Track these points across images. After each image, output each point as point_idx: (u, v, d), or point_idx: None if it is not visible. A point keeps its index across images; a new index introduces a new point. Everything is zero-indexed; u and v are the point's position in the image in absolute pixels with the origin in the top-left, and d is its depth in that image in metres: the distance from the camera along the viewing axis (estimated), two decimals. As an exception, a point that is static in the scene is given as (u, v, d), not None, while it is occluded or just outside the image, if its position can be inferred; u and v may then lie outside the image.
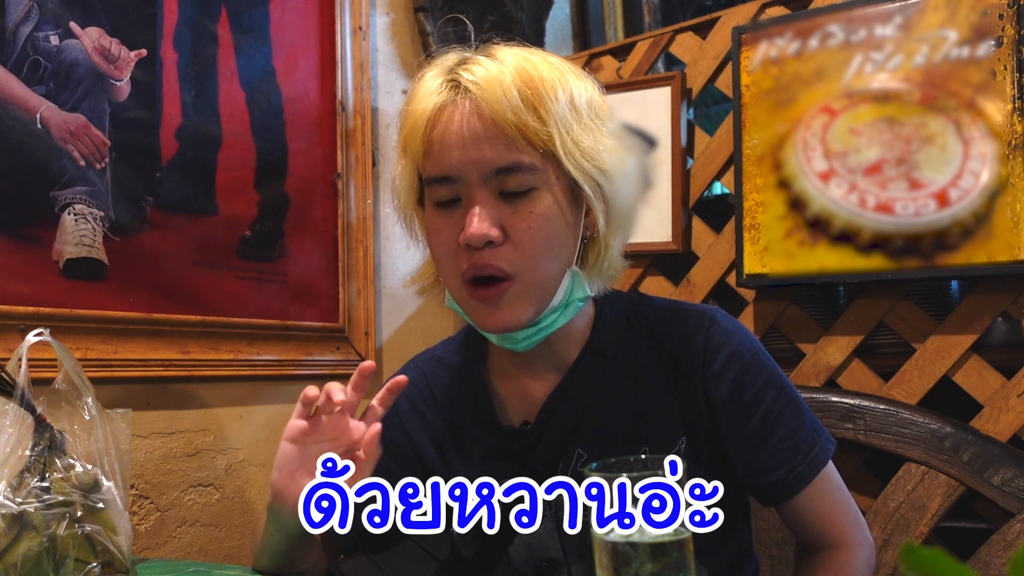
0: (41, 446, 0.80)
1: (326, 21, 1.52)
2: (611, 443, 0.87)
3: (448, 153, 0.78)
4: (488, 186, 0.78)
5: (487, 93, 0.77)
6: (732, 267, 1.56)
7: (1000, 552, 1.17)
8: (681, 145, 1.66)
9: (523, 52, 0.83)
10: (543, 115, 0.77)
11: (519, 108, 0.76)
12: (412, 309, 1.70)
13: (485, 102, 0.77)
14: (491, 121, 0.77)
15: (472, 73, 0.78)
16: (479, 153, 0.77)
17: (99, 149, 1.15)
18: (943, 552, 0.26)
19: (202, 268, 1.28)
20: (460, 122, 0.78)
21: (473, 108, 0.78)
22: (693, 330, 0.88)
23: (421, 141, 0.81)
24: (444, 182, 0.80)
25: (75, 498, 0.79)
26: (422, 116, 0.80)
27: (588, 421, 0.89)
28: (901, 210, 1.35)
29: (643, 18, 2.25)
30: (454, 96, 0.79)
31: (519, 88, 0.77)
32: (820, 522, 0.89)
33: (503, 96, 0.76)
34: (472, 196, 0.79)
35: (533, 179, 0.78)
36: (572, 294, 0.84)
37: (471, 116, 0.78)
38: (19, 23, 1.07)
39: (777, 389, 0.87)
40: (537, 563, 0.89)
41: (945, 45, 1.34)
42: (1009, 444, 1.24)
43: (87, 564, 0.79)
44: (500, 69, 0.78)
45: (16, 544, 0.75)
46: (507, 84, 0.77)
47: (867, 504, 1.37)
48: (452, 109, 0.79)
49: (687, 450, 0.87)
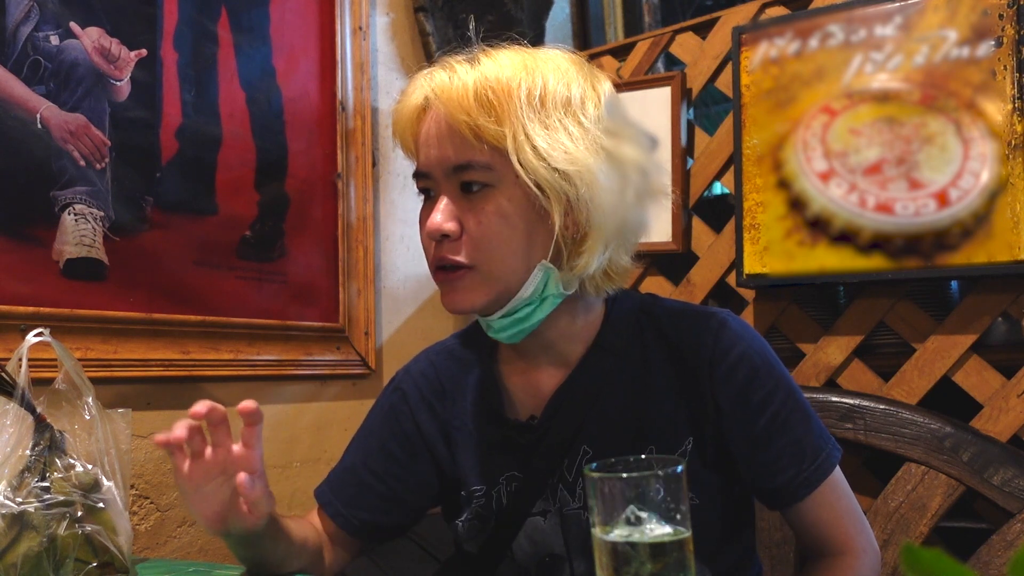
0: (41, 446, 0.80)
1: (326, 21, 1.52)
2: (617, 441, 0.87)
3: (423, 151, 0.86)
4: (450, 182, 0.84)
5: (444, 96, 0.82)
6: (732, 267, 1.56)
7: (1000, 552, 1.17)
8: (681, 145, 1.66)
9: (515, 52, 0.85)
10: (499, 114, 0.80)
11: (472, 108, 0.80)
12: (412, 309, 1.70)
13: (443, 105, 0.82)
14: (446, 123, 0.83)
15: (433, 80, 0.84)
16: (441, 151, 0.84)
17: (99, 149, 1.15)
18: (943, 552, 0.26)
19: (202, 268, 1.28)
20: (430, 124, 0.85)
21: (439, 112, 0.84)
22: (703, 332, 0.89)
23: (403, 138, 0.90)
24: (421, 177, 0.87)
25: (75, 498, 0.79)
26: (404, 114, 0.88)
27: (594, 418, 0.89)
28: (901, 210, 1.35)
29: (643, 18, 2.25)
30: (426, 103, 0.86)
31: (477, 89, 0.81)
32: (825, 528, 0.89)
33: (458, 99, 0.81)
34: (439, 191, 0.85)
35: (488, 176, 0.82)
36: (546, 289, 0.85)
37: (438, 119, 0.84)
38: (19, 23, 1.07)
39: (786, 393, 0.87)
40: (540, 559, 0.90)
41: (945, 45, 1.34)
42: (1009, 444, 1.24)
43: (87, 564, 0.79)
44: (466, 72, 0.82)
45: (16, 544, 0.75)
46: (465, 87, 0.81)
47: (867, 504, 1.37)
48: (426, 114, 0.86)
49: (693, 451, 0.87)
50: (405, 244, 1.67)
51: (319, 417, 1.48)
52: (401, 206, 1.67)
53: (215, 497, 0.76)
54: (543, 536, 0.90)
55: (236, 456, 0.75)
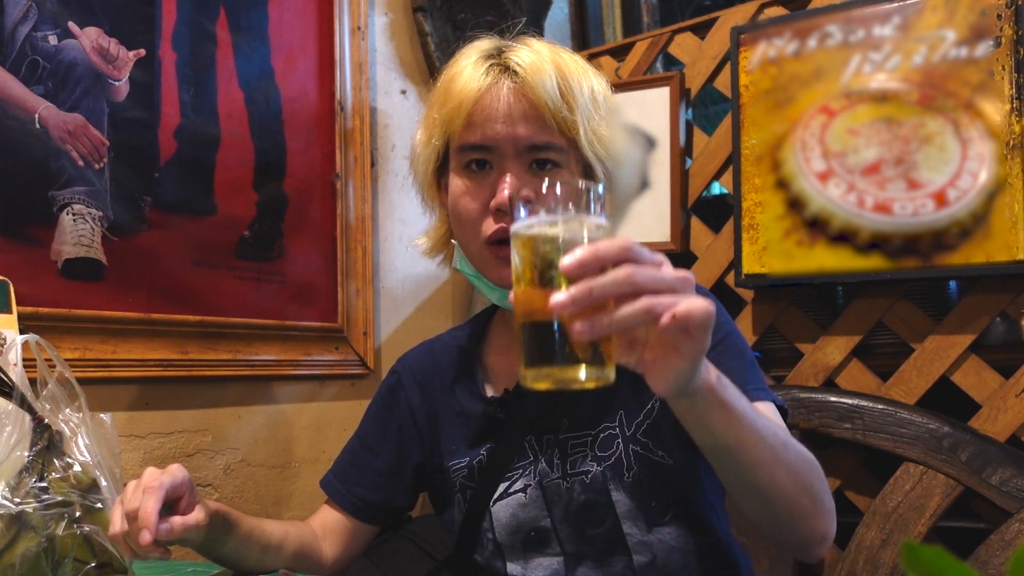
0: (39, 446, 0.80)
1: (325, 21, 1.52)
2: (588, 409, 0.91)
3: (490, 125, 0.87)
4: (521, 158, 0.87)
5: (533, 77, 0.86)
6: (731, 267, 1.56)
7: (998, 552, 1.17)
8: (680, 145, 1.66)
9: (552, 46, 0.91)
10: (572, 106, 0.86)
11: (556, 96, 0.85)
12: (411, 309, 1.70)
13: (530, 87, 0.85)
14: (532, 104, 0.86)
15: (520, 58, 0.87)
16: (517, 130, 0.86)
17: (98, 149, 1.14)
18: (943, 551, 0.26)
19: (201, 268, 1.28)
20: (505, 100, 0.86)
21: (518, 90, 0.86)
22: None
23: (464, 114, 0.88)
24: (481, 150, 0.88)
25: (74, 498, 0.79)
26: (469, 92, 0.87)
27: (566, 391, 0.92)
28: (899, 210, 1.35)
29: (642, 18, 2.25)
30: (500, 77, 0.88)
31: (556, 78, 0.86)
32: None
33: (545, 83, 0.85)
34: (504, 166, 0.87)
35: (559, 157, 0.87)
36: None
37: (516, 96, 0.86)
38: (18, 23, 1.07)
39: (726, 335, 0.90)
40: (526, 534, 0.91)
41: (943, 45, 1.34)
42: (1007, 444, 1.24)
43: (85, 564, 0.79)
44: (542, 58, 0.87)
45: (15, 544, 0.75)
46: (549, 72, 0.86)
47: (866, 504, 1.38)
48: (497, 89, 0.87)
49: (660, 408, 0.90)
50: (404, 244, 1.67)
51: (318, 417, 1.48)
52: (400, 206, 1.67)
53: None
54: (526, 512, 0.92)
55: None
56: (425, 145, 0.94)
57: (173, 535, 0.76)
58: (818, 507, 0.76)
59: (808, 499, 0.75)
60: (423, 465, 1.02)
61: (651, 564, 0.88)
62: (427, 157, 0.94)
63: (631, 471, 0.89)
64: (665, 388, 0.61)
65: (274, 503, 1.39)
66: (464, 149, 0.89)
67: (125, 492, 0.77)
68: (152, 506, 0.73)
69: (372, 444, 1.04)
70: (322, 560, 0.99)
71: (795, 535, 0.77)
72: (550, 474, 0.91)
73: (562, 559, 0.90)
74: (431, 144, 0.93)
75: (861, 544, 1.29)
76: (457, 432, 0.98)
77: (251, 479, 1.35)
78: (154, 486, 0.75)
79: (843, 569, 1.30)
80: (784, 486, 0.72)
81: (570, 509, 0.90)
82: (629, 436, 0.90)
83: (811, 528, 0.76)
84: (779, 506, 0.73)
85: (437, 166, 0.95)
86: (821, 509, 0.76)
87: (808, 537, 0.77)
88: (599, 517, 0.89)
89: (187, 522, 0.77)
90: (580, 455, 0.90)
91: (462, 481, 0.96)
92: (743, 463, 0.70)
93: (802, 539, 0.77)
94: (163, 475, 0.77)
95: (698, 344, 0.58)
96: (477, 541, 0.95)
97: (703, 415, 0.66)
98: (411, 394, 1.04)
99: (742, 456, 0.69)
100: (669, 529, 0.89)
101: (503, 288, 0.89)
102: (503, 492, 0.93)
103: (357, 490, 1.02)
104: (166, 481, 0.76)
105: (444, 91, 0.91)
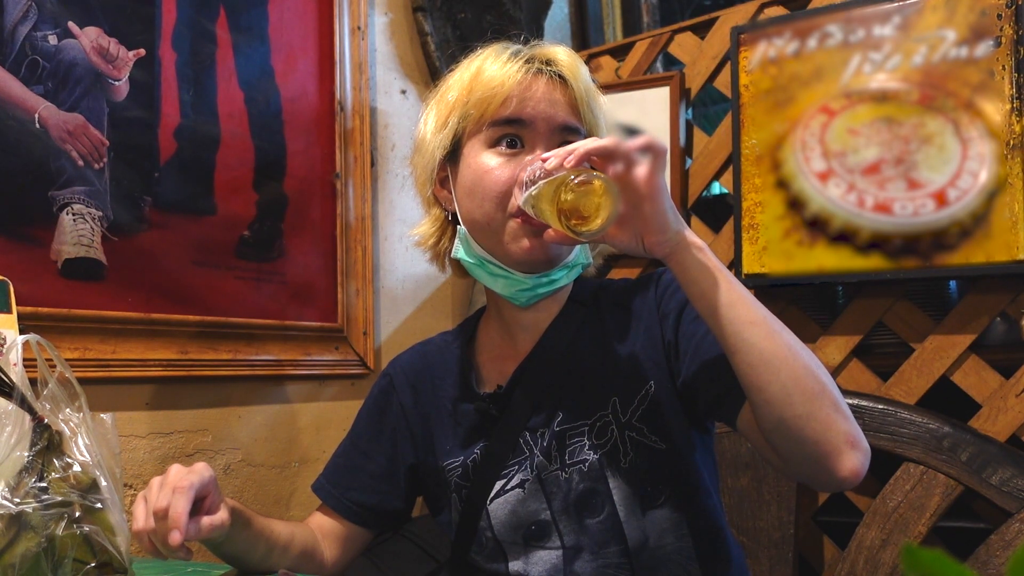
0: (39, 446, 0.80)
1: (325, 21, 1.52)
2: (581, 400, 0.92)
3: (528, 104, 0.91)
4: (553, 137, 0.91)
5: (570, 71, 0.92)
6: (731, 267, 1.56)
7: (998, 552, 1.17)
8: (680, 145, 1.66)
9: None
10: (596, 103, 0.94)
11: (588, 91, 0.93)
12: (411, 309, 1.70)
13: (570, 77, 0.92)
14: (569, 94, 0.92)
15: (553, 54, 0.94)
16: (554, 109, 0.91)
17: (97, 149, 1.14)
18: (943, 553, 0.26)
19: (201, 268, 1.28)
20: (544, 86, 0.92)
21: (557, 79, 0.92)
22: (647, 284, 0.97)
23: (503, 95, 0.90)
24: (516, 124, 0.91)
25: (73, 498, 0.79)
26: (506, 77, 0.91)
27: (557, 383, 0.94)
28: (899, 210, 1.35)
29: (642, 18, 2.25)
30: (539, 67, 0.92)
31: (588, 75, 0.94)
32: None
33: (581, 76, 0.93)
34: (536, 143, 0.91)
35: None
36: (578, 256, 0.95)
37: (555, 84, 0.92)
38: (17, 23, 1.07)
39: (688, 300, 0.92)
40: (527, 528, 0.91)
41: (943, 45, 1.34)
42: (1007, 444, 1.24)
43: (86, 564, 0.79)
44: (573, 57, 0.95)
45: (14, 544, 0.75)
46: (583, 69, 0.94)
47: (866, 504, 1.38)
48: (536, 77, 0.92)
49: (655, 393, 0.90)
50: (404, 244, 1.67)
51: (318, 417, 1.48)
52: (400, 206, 1.67)
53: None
54: (525, 506, 0.92)
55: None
56: (438, 130, 0.94)
57: (201, 535, 0.76)
58: (827, 394, 0.75)
59: (815, 382, 0.75)
60: (417, 466, 1.02)
61: (644, 547, 0.88)
62: (440, 143, 0.94)
63: (628, 456, 0.89)
64: (657, 238, 0.76)
65: (274, 503, 1.39)
66: (498, 123, 0.91)
67: (150, 489, 0.78)
68: (183, 506, 0.74)
69: (365, 447, 1.04)
70: (324, 562, 0.99)
71: (819, 432, 0.74)
72: (548, 466, 0.91)
73: (560, 552, 0.90)
74: (448, 126, 0.93)
75: (861, 544, 1.29)
76: (450, 431, 0.99)
77: (251, 479, 1.35)
78: (184, 486, 0.75)
79: (843, 569, 1.30)
80: (787, 358, 0.74)
81: (569, 499, 0.90)
82: (624, 422, 0.90)
83: (833, 423, 0.74)
84: (791, 386, 0.74)
85: (447, 153, 0.94)
86: (834, 401, 0.75)
87: (834, 439, 0.74)
88: (597, 505, 0.89)
89: (214, 522, 0.77)
90: (578, 444, 0.91)
91: (457, 480, 0.96)
92: (741, 320, 0.75)
93: (828, 442, 0.74)
94: (191, 474, 0.77)
95: (655, 173, 0.74)
96: (475, 540, 0.95)
97: (696, 275, 0.77)
98: (403, 396, 1.04)
99: (736, 312, 0.76)
100: (663, 512, 0.90)
101: (523, 261, 0.90)
102: (500, 490, 0.93)
103: (351, 493, 1.01)
104: (195, 481, 0.76)
105: (472, 79, 0.92)
